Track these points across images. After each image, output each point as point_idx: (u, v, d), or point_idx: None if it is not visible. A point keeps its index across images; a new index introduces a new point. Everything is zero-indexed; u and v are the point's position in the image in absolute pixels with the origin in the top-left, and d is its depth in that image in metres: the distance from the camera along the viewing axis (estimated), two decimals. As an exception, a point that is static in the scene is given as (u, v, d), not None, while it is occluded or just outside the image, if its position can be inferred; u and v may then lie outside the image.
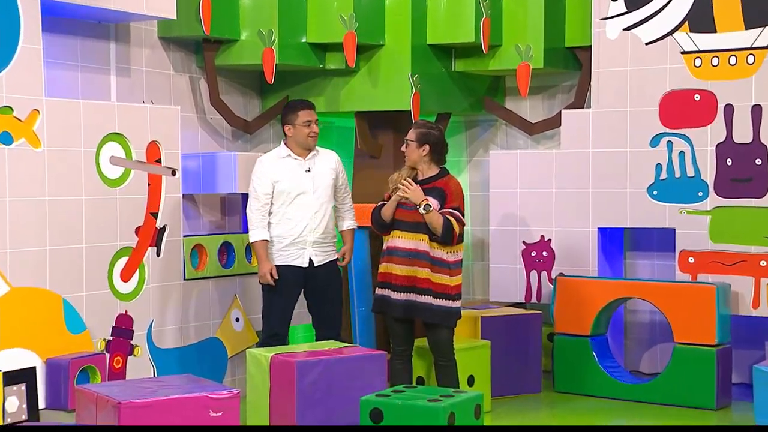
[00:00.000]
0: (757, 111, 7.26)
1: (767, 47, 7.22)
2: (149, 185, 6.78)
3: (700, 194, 7.44)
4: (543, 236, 7.97)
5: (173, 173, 6.93)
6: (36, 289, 6.13)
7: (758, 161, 7.27)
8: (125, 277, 6.66)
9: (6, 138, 5.98)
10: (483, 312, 7.57)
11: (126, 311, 6.66)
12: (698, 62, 7.43)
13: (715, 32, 7.37)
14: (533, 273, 8.00)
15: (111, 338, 6.56)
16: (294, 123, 6.66)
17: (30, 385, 5.95)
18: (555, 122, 8.22)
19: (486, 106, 8.58)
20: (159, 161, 6.84)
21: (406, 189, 6.30)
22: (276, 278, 6.58)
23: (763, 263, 7.24)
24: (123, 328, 6.63)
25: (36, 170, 6.13)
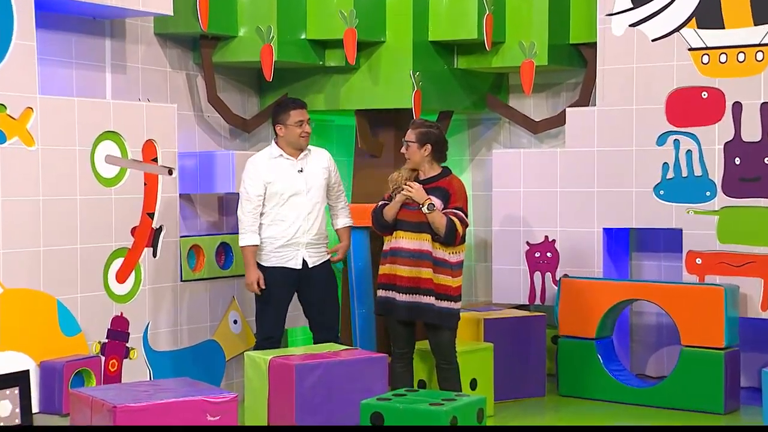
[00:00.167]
0: (766, 109, 7.25)
1: (776, 44, 7.24)
2: (145, 185, 6.77)
3: (708, 194, 7.43)
4: (547, 237, 7.96)
5: (170, 172, 6.92)
6: (30, 291, 6.12)
7: (767, 160, 7.26)
8: (121, 279, 6.65)
9: (-1, 136, 5.99)
10: (486, 314, 7.56)
11: (121, 313, 6.65)
12: (706, 59, 7.42)
13: (723, 28, 7.36)
14: (537, 274, 8.00)
15: (106, 341, 6.55)
16: (285, 123, 6.65)
17: (23, 389, 5.94)
18: (559, 120, 8.22)
19: (489, 104, 8.58)
20: (155, 160, 6.83)
21: (410, 189, 6.29)
22: (263, 288, 6.59)
23: (772, 264, 7.25)
24: (118, 331, 6.62)
25: (30, 169, 6.12)
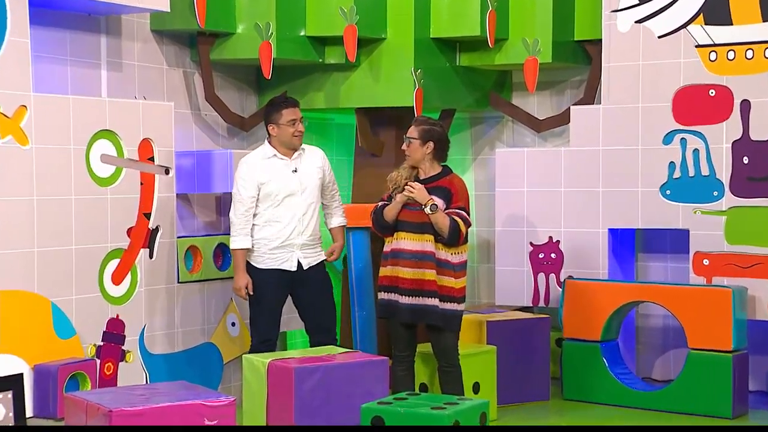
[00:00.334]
0: (775, 107, 7.26)
1: (785, 40, 7.23)
2: (142, 184, 6.77)
3: (715, 194, 7.42)
4: (551, 237, 7.95)
5: (167, 172, 6.91)
6: (23, 293, 6.11)
7: (776, 159, 7.27)
8: (116, 280, 6.64)
9: (-8, 135, 5.99)
10: (489, 316, 7.56)
11: (117, 315, 6.64)
12: (713, 56, 7.41)
13: (731, 25, 7.35)
14: (541, 276, 7.99)
15: (101, 344, 6.54)
16: (278, 122, 6.64)
17: (17, 393, 5.93)
18: (564, 119, 8.21)
19: (492, 102, 8.57)
20: (152, 159, 6.83)
21: (412, 189, 6.28)
22: (251, 293, 6.59)
23: (781, 265, 7.24)
24: (114, 333, 6.61)
25: (23, 169, 6.11)
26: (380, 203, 6.50)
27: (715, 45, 7.41)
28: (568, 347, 7.61)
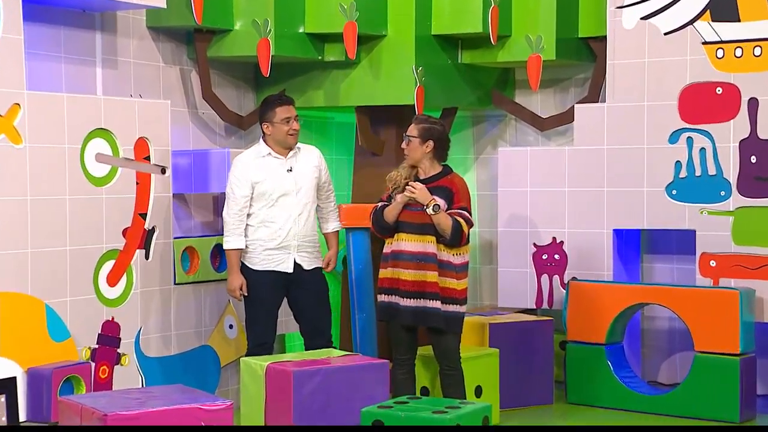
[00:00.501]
0: (783, 105, 7.27)
1: (793, 37, 7.23)
2: (137, 184, 6.76)
3: (723, 194, 7.42)
4: (555, 238, 7.95)
5: (163, 171, 6.91)
6: (17, 294, 6.10)
7: (784, 158, 7.27)
8: (112, 282, 6.64)
9: (-15, 134, 5.98)
10: (491, 318, 7.56)
11: (112, 318, 6.64)
12: (720, 53, 7.41)
13: (739, 21, 7.35)
14: (544, 277, 7.99)
15: (96, 346, 6.53)
16: (272, 120, 6.64)
17: (10, 396, 5.93)
18: (567, 117, 8.21)
19: (494, 101, 8.57)
20: (148, 159, 6.82)
21: (413, 190, 6.28)
22: (245, 294, 6.58)
23: (789, 267, 7.24)
24: (109, 336, 6.60)
25: (17, 168, 6.10)
26: (380, 204, 6.49)
27: (723, 42, 7.41)
28: (572, 350, 7.61)
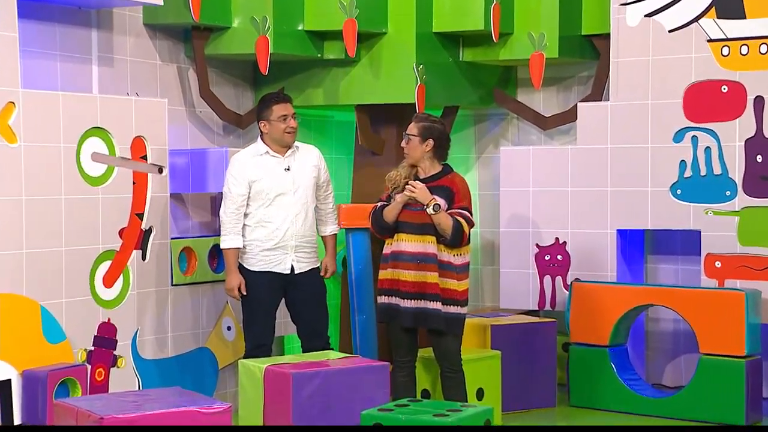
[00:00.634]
0: (789, 104, 7.27)
1: (800, 35, 7.23)
2: (134, 184, 6.76)
3: (728, 193, 7.42)
4: (557, 239, 7.94)
5: (160, 171, 6.90)
6: (11, 296, 6.10)
7: (790, 158, 7.28)
8: (108, 283, 6.63)
9: (-21, 132, 5.98)
10: (493, 320, 7.55)
11: (109, 319, 6.63)
12: (726, 51, 7.41)
13: (745, 18, 7.35)
14: (547, 278, 7.98)
15: (92, 348, 6.53)
16: (269, 118, 6.64)
17: (5, 399, 5.93)
18: (570, 116, 8.21)
19: (496, 99, 8.56)
20: (144, 158, 6.82)
21: (413, 189, 6.27)
22: (244, 293, 6.58)
23: (796, 268, 7.24)
24: (105, 338, 6.60)
25: (11, 167, 6.10)
26: (379, 204, 6.48)
27: (728, 39, 7.41)
28: (575, 352, 7.61)
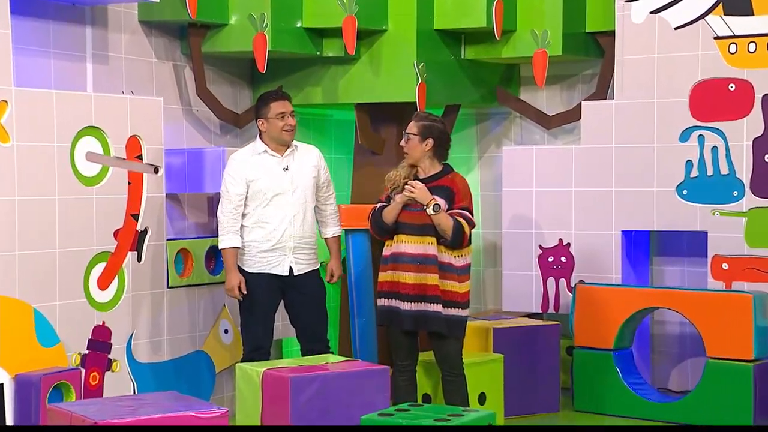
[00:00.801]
0: (798, 102, 7.26)
1: (809, 32, 7.23)
2: (129, 184, 6.75)
3: (735, 194, 7.41)
4: (561, 240, 7.94)
5: (156, 171, 6.90)
6: (4, 298, 6.09)
7: (798, 157, 7.27)
8: (103, 285, 6.62)
9: (-29, 131, 5.97)
10: (495, 323, 7.55)
11: (103, 322, 6.62)
12: (733, 48, 7.40)
13: (752, 15, 7.34)
14: (550, 280, 7.98)
15: (87, 352, 6.52)
16: (266, 116, 6.64)
17: (-3, 404, 5.92)
18: (574, 115, 8.21)
19: (499, 98, 8.56)
20: (140, 157, 6.81)
21: (412, 189, 6.26)
22: (244, 293, 6.57)
23: (804, 270, 7.24)
24: (100, 341, 6.59)
25: (4, 167, 6.09)
26: (378, 204, 6.48)
27: (735, 36, 7.40)
28: (580, 356, 7.60)
